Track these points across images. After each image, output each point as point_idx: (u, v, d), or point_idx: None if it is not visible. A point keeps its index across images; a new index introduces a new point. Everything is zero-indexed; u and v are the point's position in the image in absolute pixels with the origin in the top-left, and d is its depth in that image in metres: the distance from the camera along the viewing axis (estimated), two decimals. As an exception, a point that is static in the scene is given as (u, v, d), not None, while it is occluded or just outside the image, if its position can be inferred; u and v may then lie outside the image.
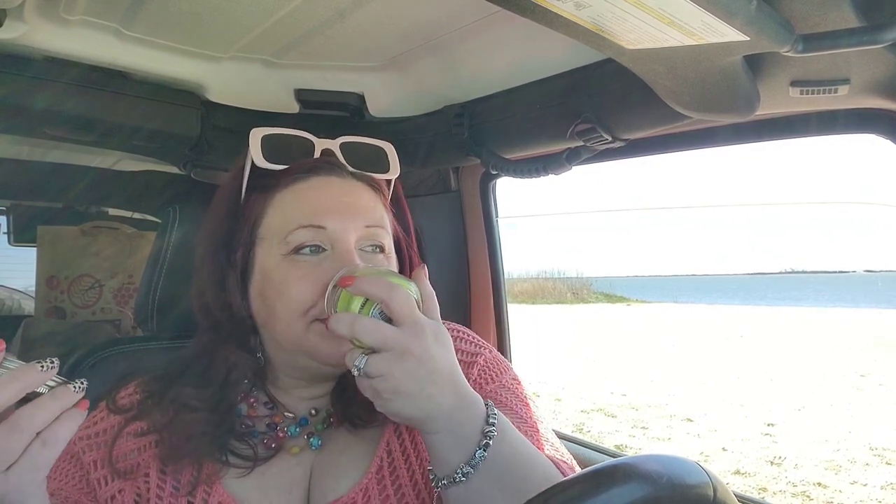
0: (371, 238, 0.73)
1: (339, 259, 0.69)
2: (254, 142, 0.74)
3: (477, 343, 0.83)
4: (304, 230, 0.70)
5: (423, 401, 0.59)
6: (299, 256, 0.70)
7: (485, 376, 0.80)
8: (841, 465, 5.00)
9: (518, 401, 0.78)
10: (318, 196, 0.73)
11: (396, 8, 0.91)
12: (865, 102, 0.82)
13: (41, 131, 1.19)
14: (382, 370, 0.58)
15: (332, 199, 0.73)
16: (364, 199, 0.75)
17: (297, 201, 0.73)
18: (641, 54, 0.67)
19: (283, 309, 0.70)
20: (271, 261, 0.72)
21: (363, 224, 0.72)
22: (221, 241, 0.76)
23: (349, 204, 0.73)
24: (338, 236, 0.70)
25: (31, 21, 0.93)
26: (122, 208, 2.37)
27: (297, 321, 0.69)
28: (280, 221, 0.73)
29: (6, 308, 3.02)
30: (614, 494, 0.48)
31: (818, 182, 77.92)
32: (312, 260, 0.70)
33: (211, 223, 0.78)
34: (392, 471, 0.73)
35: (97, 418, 0.77)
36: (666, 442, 5.70)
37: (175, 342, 1.01)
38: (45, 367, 0.53)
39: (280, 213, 0.73)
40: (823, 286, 35.19)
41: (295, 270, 0.70)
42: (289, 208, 0.73)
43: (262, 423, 0.76)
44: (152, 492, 0.71)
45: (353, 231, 0.71)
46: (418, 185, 1.56)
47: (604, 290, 31.90)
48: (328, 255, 0.70)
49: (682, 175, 76.58)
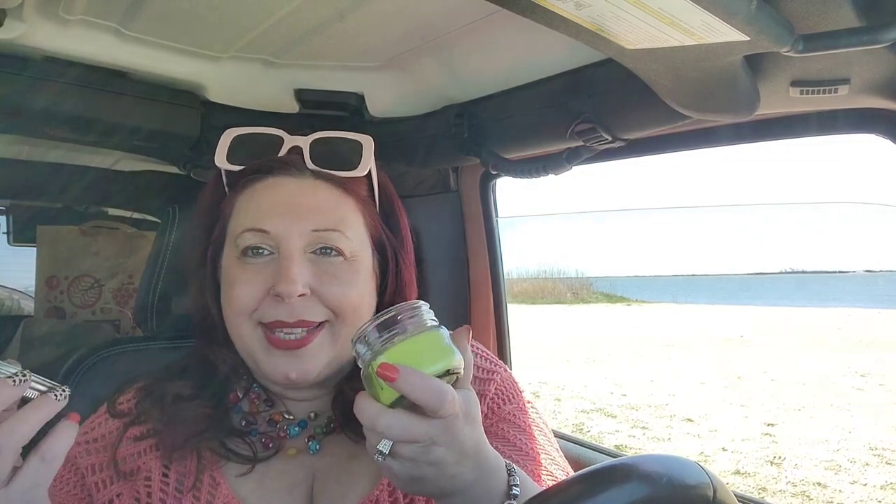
0: (322, 241, 0.71)
1: (280, 266, 0.68)
2: (222, 142, 0.75)
3: (493, 361, 0.83)
4: (249, 233, 0.70)
5: (445, 481, 0.56)
6: (246, 259, 0.70)
7: (502, 395, 0.80)
8: (841, 465, 5.00)
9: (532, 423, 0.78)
10: (265, 197, 0.72)
11: (396, 8, 0.91)
12: (865, 102, 0.82)
13: (41, 131, 1.19)
14: (406, 458, 0.54)
15: (278, 201, 0.71)
16: (319, 199, 0.72)
17: (249, 203, 0.73)
18: (641, 54, 0.67)
19: (229, 310, 0.71)
20: (227, 262, 0.73)
21: (310, 228, 0.70)
22: (200, 242, 0.77)
23: (297, 206, 0.71)
24: (281, 240, 0.69)
25: (30, 21, 0.93)
26: (122, 208, 2.37)
27: (244, 324, 0.70)
28: (233, 223, 0.73)
29: (6, 308, 3.02)
30: (614, 495, 0.48)
31: (818, 182, 77.57)
32: (258, 263, 0.70)
33: (192, 227, 0.80)
34: None
35: (95, 423, 0.76)
36: (666, 442, 5.70)
37: (175, 342, 1.01)
38: (17, 381, 0.51)
39: (236, 214, 0.74)
40: (823, 286, 35.18)
41: (242, 273, 0.70)
42: (242, 210, 0.73)
43: (262, 420, 0.76)
44: (154, 494, 0.70)
45: (298, 236, 0.69)
46: (418, 185, 1.56)
47: (604, 290, 31.88)
48: (274, 257, 0.70)
49: (682, 175, 76.54)
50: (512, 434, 0.75)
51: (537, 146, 1.17)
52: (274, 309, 0.68)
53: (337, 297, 0.70)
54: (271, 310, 0.68)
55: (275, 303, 0.68)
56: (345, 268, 0.71)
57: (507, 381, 0.81)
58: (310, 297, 0.69)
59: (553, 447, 0.78)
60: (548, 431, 0.80)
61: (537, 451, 0.74)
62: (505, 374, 0.82)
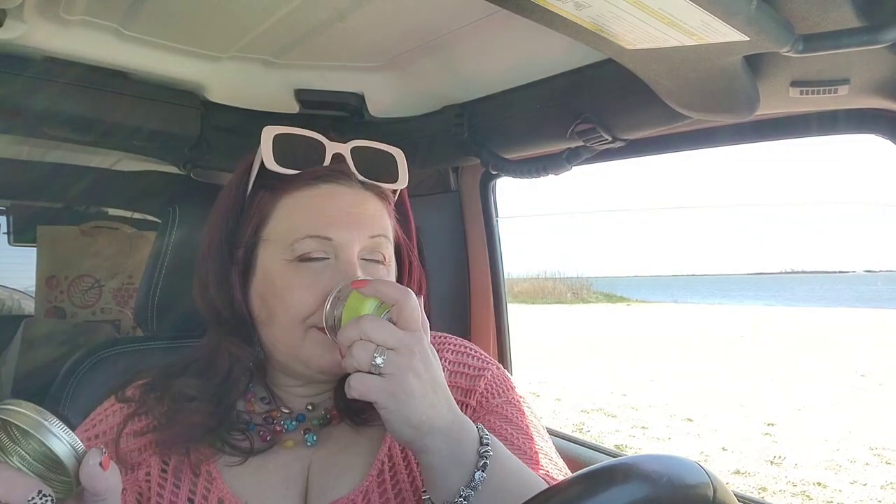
0: (374, 248, 0.74)
1: (342, 269, 0.70)
2: (265, 141, 0.74)
3: (484, 359, 0.84)
4: (311, 240, 0.71)
5: (427, 407, 0.59)
6: (303, 264, 0.71)
7: (491, 390, 0.80)
8: (841, 465, 5.00)
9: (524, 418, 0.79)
10: (326, 205, 0.73)
11: (396, 8, 0.91)
12: (865, 102, 0.82)
13: (41, 131, 1.19)
14: (394, 368, 0.58)
15: (339, 209, 0.73)
16: (371, 209, 0.76)
17: (305, 208, 0.73)
18: (641, 54, 0.67)
19: (283, 314, 0.71)
20: (275, 265, 0.72)
21: (368, 235, 0.73)
22: (226, 238, 0.76)
23: (356, 215, 0.74)
24: (343, 247, 0.71)
25: (30, 21, 0.93)
26: (122, 208, 2.36)
27: (296, 328, 0.70)
28: (286, 227, 0.73)
29: (6, 308, 3.01)
30: (614, 494, 0.48)
31: (818, 182, 77.52)
32: (316, 268, 0.71)
33: (216, 218, 0.78)
34: (393, 475, 0.73)
35: (98, 418, 0.77)
36: (666, 442, 5.70)
37: (175, 342, 1.01)
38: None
39: (286, 217, 0.74)
40: (823, 286, 35.11)
41: (298, 278, 0.70)
42: (296, 215, 0.73)
43: (259, 418, 0.77)
44: (153, 490, 0.71)
45: (358, 242, 0.72)
46: (418, 185, 1.56)
47: (604, 290, 31.91)
48: (331, 263, 0.71)
49: (682, 175, 76.30)
50: (498, 425, 0.76)
51: (537, 146, 1.17)
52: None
53: None
54: None
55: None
56: (384, 273, 0.75)
57: (498, 377, 0.82)
58: None
59: (544, 441, 0.78)
60: (539, 426, 0.80)
61: (526, 444, 0.74)
62: (496, 371, 0.83)
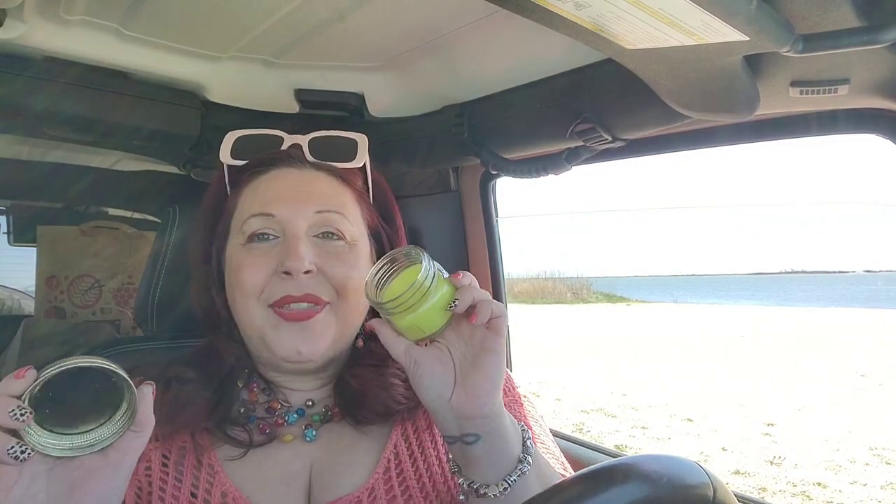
0: (325, 224, 0.75)
1: (287, 245, 0.72)
2: (225, 143, 0.80)
3: None
4: (256, 219, 0.74)
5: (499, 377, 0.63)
6: (252, 244, 0.74)
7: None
8: (841, 465, 5.00)
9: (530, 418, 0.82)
10: (271, 186, 0.77)
11: (396, 8, 0.91)
12: (865, 102, 0.82)
13: (41, 131, 1.19)
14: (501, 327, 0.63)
15: (283, 187, 0.76)
16: (321, 187, 0.77)
17: (254, 192, 0.77)
18: (641, 54, 0.67)
19: (239, 296, 0.73)
20: (232, 251, 0.76)
21: (314, 210, 0.74)
22: (203, 240, 0.80)
23: (302, 192, 0.76)
24: (287, 223, 0.73)
25: (31, 21, 0.93)
26: (122, 208, 2.36)
27: (253, 307, 0.72)
28: (238, 214, 0.77)
29: (6, 308, 3.01)
30: (614, 494, 0.48)
31: (818, 182, 77.37)
32: (264, 247, 0.74)
33: (196, 224, 0.83)
34: (399, 472, 0.73)
35: None
36: (666, 442, 5.70)
37: (175, 342, 1.00)
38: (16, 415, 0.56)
39: (240, 206, 0.78)
40: (823, 286, 35.10)
41: (249, 257, 0.73)
42: (247, 200, 0.77)
43: (261, 409, 0.77)
44: (154, 484, 0.72)
45: (303, 218, 0.74)
46: (418, 185, 1.56)
47: (604, 290, 31.90)
48: (279, 241, 0.74)
49: (682, 175, 76.16)
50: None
51: (537, 146, 1.17)
52: (281, 286, 0.71)
53: (341, 276, 0.73)
54: (278, 287, 0.71)
55: (282, 281, 0.71)
56: (346, 250, 0.76)
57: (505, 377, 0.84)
58: (316, 274, 0.72)
59: (548, 437, 0.82)
60: (543, 424, 0.83)
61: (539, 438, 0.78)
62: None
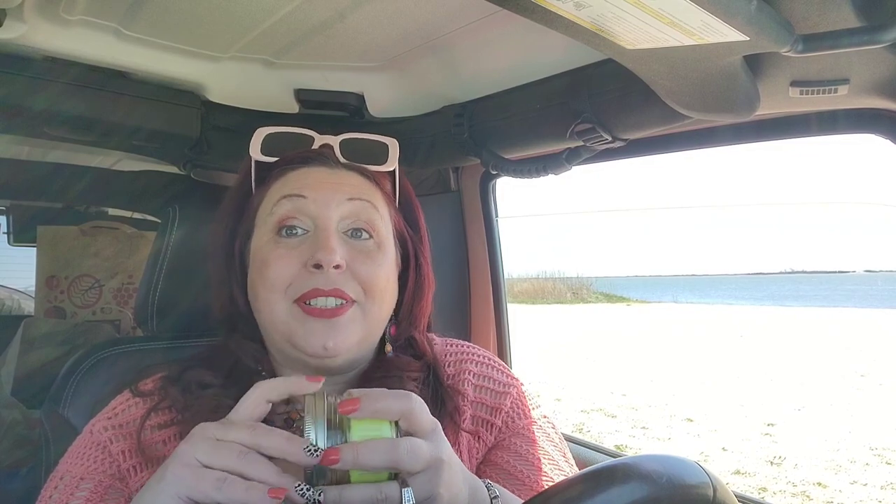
0: (356, 215, 0.73)
1: (319, 238, 0.70)
2: (255, 138, 0.77)
3: (508, 373, 0.84)
4: (287, 199, 0.72)
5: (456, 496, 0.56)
6: (280, 238, 0.72)
7: (517, 410, 0.81)
8: (841, 465, 5.00)
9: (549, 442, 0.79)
10: (301, 177, 0.75)
11: (396, 8, 0.91)
12: (865, 102, 0.82)
13: (41, 131, 1.19)
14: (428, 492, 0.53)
15: (315, 178, 0.75)
16: (352, 181, 0.76)
17: (284, 183, 0.75)
18: (641, 54, 0.67)
19: (263, 289, 0.71)
20: (259, 244, 0.74)
21: (345, 197, 0.73)
22: (228, 237, 0.78)
23: (333, 182, 0.74)
24: (319, 210, 0.72)
25: (31, 21, 0.93)
26: (122, 208, 2.36)
27: (278, 302, 0.70)
28: (267, 201, 0.75)
29: (6, 308, 3.01)
30: (614, 494, 0.48)
31: (818, 182, 77.28)
32: (292, 241, 0.72)
33: (217, 220, 0.80)
34: None
35: (119, 409, 0.76)
36: (666, 442, 5.70)
37: (175, 342, 1.00)
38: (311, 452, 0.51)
39: (269, 195, 0.76)
40: (823, 286, 35.09)
41: (277, 250, 0.71)
42: (276, 190, 0.75)
43: (279, 420, 0.75)
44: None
45: (335, 206, 0.72)
46: (418, 185, 1.56)
47: (604, 290, 31.91)
48: (308, 236, 0.72)
49: (682, 175, 75.90)
50: (524, 448, 0.77)
51: (537, 146, 1.17)
52: (310, 279, 0.69)
53: (369, 274, 0.72)
54: (307, 281, 0.69)
55: (310, 275, 0.69)
56: (375, 249, 0.74)
57: (522, 396, 0.83)
58: (344, 271, 0.70)
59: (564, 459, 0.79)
60: (560, 443, 0.81)
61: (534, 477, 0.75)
62: (521, 389, 0.84)
